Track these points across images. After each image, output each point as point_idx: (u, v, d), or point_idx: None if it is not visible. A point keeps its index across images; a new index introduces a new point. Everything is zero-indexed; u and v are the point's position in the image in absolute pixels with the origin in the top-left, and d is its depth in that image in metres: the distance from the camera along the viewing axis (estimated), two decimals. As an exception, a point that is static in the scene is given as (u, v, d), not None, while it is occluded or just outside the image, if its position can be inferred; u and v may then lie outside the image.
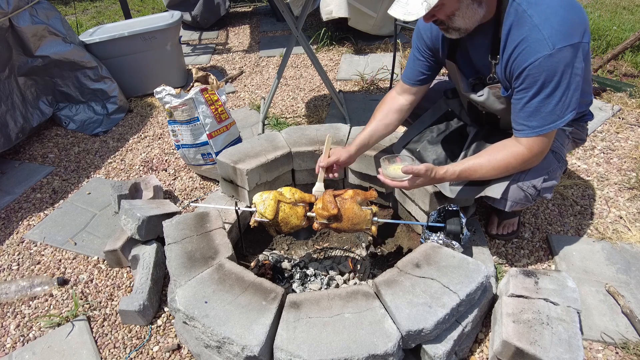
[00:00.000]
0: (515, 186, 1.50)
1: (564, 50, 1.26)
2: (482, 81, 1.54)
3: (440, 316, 1.29)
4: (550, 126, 1.35)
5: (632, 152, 2.45)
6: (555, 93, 1.31)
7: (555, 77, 1.29)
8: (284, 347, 1.25)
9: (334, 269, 1.86)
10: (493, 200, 1.55)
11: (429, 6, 1.26)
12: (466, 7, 1.32)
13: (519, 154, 1.41)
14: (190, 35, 4.88)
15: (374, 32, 4.15)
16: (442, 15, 1.33)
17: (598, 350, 1.48)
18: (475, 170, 1.46)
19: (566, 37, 1.26)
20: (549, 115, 1.34)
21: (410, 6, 1.28)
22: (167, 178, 2.54)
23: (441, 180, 1.49)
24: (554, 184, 1.55)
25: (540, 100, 1.33)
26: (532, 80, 1.31)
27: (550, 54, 1.26)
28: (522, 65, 1.31)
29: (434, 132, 1.81)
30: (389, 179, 1.52)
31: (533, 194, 1.51)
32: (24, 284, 1.85)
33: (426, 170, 1.42)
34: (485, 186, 1.56)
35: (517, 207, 1.55)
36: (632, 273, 1.71)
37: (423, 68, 1.69)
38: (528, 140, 1.39)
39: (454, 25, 1.36)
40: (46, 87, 3.01)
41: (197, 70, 2.37)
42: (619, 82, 3.10)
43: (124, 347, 1.61)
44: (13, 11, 2.60)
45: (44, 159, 2.81)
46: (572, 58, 1.28)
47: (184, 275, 1.49)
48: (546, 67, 1.27)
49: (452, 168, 1.47)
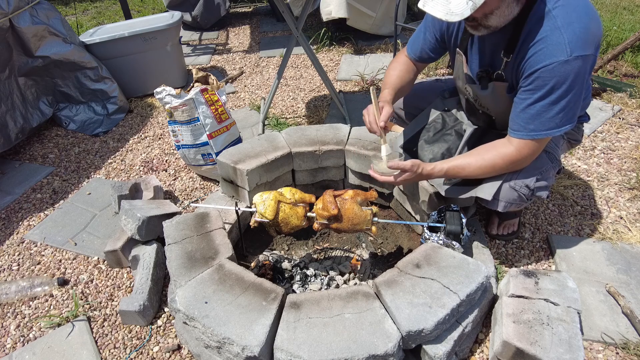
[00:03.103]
0: (507, 186, 1.50)
1: (579, 60, 1.24)
2: (489, 75, 1.51)
3: (441, 316, 1.29)
4: (546, 132, 1.34)
5: (632, 152, 2.45)
6: (561, 101, 1.29)
7: (565, 85, 1.26)
8: (284, 347, 1.25)
9: (334, 269, 1.86)
10: (486, 202, 1.54)
11: (475, 6, 1.19)
12: (507, 5, 1.27)
13: (507, 154, 1.41)
14: (191, 36, 4.89)
15: (373, 31, 4.15)
16: (480, 13, 1.27)
17: (598, 351, 1.48)
18: (462, 168, 1.46)
19: (584, 47, 1.23)
20: (548, 121, 1.32)
21: (453, 4, 1.20)
22: (168, 178, 2.54)
23: (428, 176, 1.49)
24: (548, 184, 1.54)
25: (545, 105, 1.31)
26: (541, 83, 1.29)
27: (567, 60, 1.23)
28: (535, 65, 1.29)
29: (431, 131, 1.81)
30: (378, 173, 1.53)
31: (527, 193, 1.50)
32: (24, 284, 1.85)
33: (412, 165, 1.43)
34: (476, 186, 1.55)
35: (512, 207, 1.54)
36: (633, 273, 1.71)
37: (430, 49, 1.69)
38: (520, 141, 1.38)
39: (487, 24, 1.31)
40: (46, 87, 3.01)
41: (197, 71, 2.37)
42: (619, 83, 3.10)
43: (124, 348, 1.61)
44: (13, 11, 2.60)
45: (44, 160, 2.81)
46: (584, 69, 1.26)
47: (184, 275, 1.49)
48: (558, 72, 1.25)
49: (440, 165, 1.47)
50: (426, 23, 1.68)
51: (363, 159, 1.94)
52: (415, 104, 1.98)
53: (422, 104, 1.92)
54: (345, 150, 2.00)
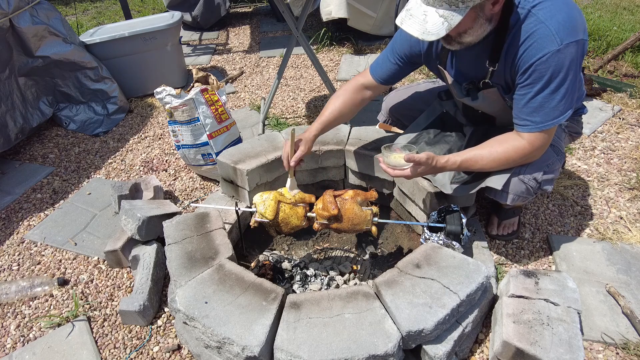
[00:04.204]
0: (516, 179, 1.51)
1: (571, 46, 1.26)
2: (476, 86, 1.54)
3: (441, 316, 1.29)
4: (553, 122, 1.36)
5: (632, 152, 2.45)
6: (561, 89, 1.31)
7: (561, 73, 1.29)
8: (284, 347, 1.24)
9: (334, 269, 1.86)
10: (494, 192, 1.55)
11: (450, 27, 1.23)
12: (479, 26, 1.31)
13: (520, 148, 1.42)
14: (191, 36, 4.89)
15: (373, 32, 4.15)
16: (454, 32, 1.30)
17: (598, 351, 1.48)
18: (476, 160, 1.47)
19: (572, 33, 1.26)
20: (552, 110, 1.34)
21: (429, 24, 1.24)
22: (168, 178, 2.54)
23: (442, 169, 1.49)
24: (554, 177, 1.56)
25: (545, 95, 1.33)
26: (539, 76, 1.31)
27: (559, 49, 1.26)
28: (529, 60, 1.31)
29: (431, 133, 1.83)
30: (390, 167, 1.50)
31: (534, 186, 1.52)
32: (24, 284, 1.85)
33: (427, 158, 1.42)
34: (484, 179, 1.56)
35: (519, 200, 1.55)
36: (633, 273, 1.70)
37: (396, 71, 1.69)
38: (530, 135, 1.40)
39: (461, 41, 1.35)
40: (46, 87, 3.01)
41: (197, 71, 2.37)
42: (619, 83, 3.10)
43: (124, 348, 1.61)
44: (13, 11, 2.60)
45: (44, 160, 2.81)
46: (577, 54, 1.28)
47: (184, 275, 1.49)
48: (553, 62, 1.27)
49: (453, 157, 1.47)
50: (394, 45, 1.67)
51: (363, 159, 1.94)
52: (414, 106, 1.98)
53: (420, 106, 1.92)
54: (346, 150, 2.00)
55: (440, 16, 1.23)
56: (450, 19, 1.22)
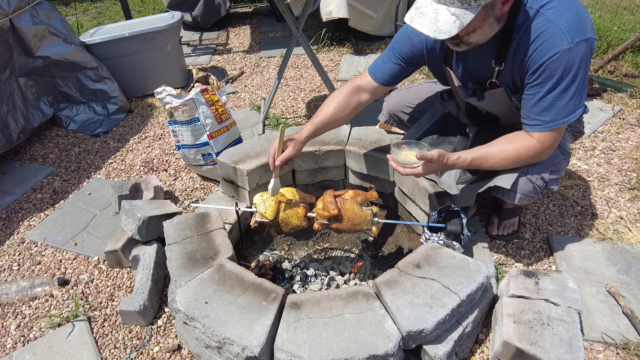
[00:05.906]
0: (524, 178, 1.51)
1: (581, 45, 1.26)
2: (482, 86, 1.53)
3: (441, 317, 1.29)
4: (563, 120, 1.35)
5: (632, 152, 2.45)
6: (571, 88, 1.31)
7: (572, 72, 1.28)
8: (285, 347, 1.25)
9: (335, 269, 1.86)
10: (502, 192, 1.55)
11: (462, 25, 1.22)
12: (488, 25, 1.30)
13: (530, 147, 1.42)
14: (191, 36, 4.89)
15: (374, 32, 4.15)
16: (463, 32, 1.29)
17: (599, 351, 1.48)
18: (487, 158, 1.46)
19: (582, 32, 1.26)
20: (562, 109, 1.34)
21: (441, 23, 1.23)
22: (168, 178, 2.55)
23: (453, 166, 1.49)
24: (560, 176, 1.57)
25: (556, 94, 1.32)
26: (549, 75, 1.30)
27: (569, 48, 1.25)
28: (540, 59, 1.30)
29: (434, 133, 1.82)
30: (400, 165, 1.48)
31: (541, 185, 1.52)
32: (25, 284, 1.85)
33: (439, 155, 1.41)
34: (492, 178, 1.56)
35: (526, 200, 1.55)
36: (633, 274, 1.70)
37: (397, 72, 1.67)
38: (540, 134, 1.39)
39: (469, 41, 1.34)
40: (47, 87, 3.01)
41: (197, 71, 2.37)
42: (619, 83, 3.10)
43: (124, 348, 1.61)
44: (14, 12, 2.60)
45: (44, 160, 2.81)
46: (586, 52, 1.28)
47: (184, 275, 1.49)
48: (564, 61, 1.27)
49: (464, 155, 1.46)
50: (394, 45, 1.65)
51: (363, 159, 1.94)
52: (415, 106, 1.98)
53: (422, 106, 1.92)
54: (346, 151, 2.00)
55: (452, 14, 1.21)
56: (462, 17, 1.21)
